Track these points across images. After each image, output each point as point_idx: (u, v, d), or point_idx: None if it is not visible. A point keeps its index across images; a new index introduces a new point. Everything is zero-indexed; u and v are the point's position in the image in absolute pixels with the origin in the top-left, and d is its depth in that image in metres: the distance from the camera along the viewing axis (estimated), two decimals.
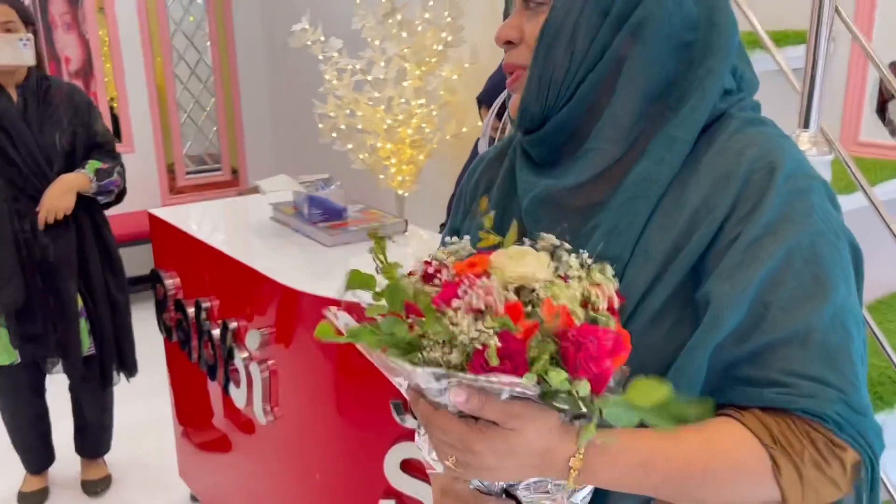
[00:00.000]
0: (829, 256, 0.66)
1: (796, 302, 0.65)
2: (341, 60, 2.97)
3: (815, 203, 0.67)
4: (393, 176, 3.14)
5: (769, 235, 0.66)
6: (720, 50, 0.72)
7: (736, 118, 0.73)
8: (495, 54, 3.16)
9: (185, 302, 2.10)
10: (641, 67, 0.71)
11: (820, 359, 0.64)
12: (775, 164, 0.67)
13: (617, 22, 0.71)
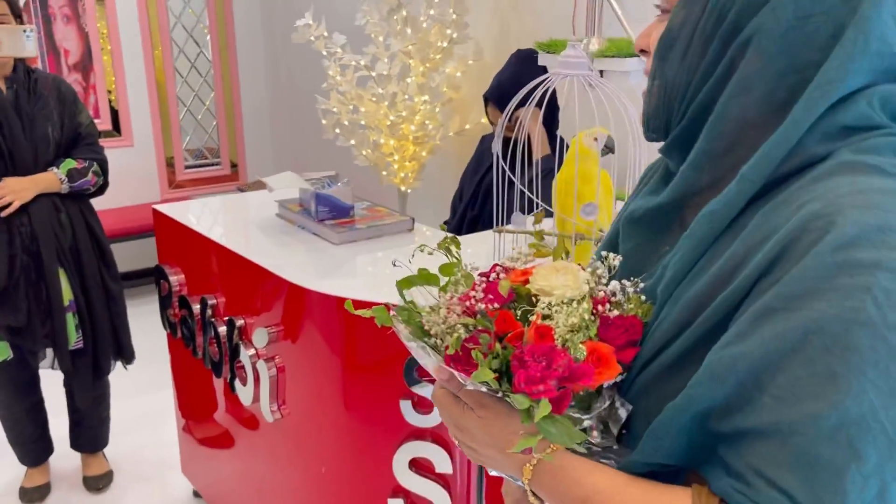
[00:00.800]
0: (865, 354, 0.52)
1: (793, 395, 0.54)
2: (345, 56, 2.96)
3: (876, 284, 0.53)
4: (396, 172, 3.13)
5: (785, 310, 0.55)
6: (828, 78, 0.60)
7: (832, 160, 0.60)
8: (499, 51, 3.16)
9: (191, 298, 2.09)
10: (742, 88, 0.63)
11: (796, 469, 0.54)
12: (832, 226, 0.54)
13: (729, 33, 0.63)
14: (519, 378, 0.62)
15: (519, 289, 0.70)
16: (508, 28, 3.12)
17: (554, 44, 1.68)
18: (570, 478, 0.65)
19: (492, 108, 2.45)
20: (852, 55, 0.59)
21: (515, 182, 1.22)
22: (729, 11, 0.63)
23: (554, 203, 1.22)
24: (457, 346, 0.66)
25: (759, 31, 0.61)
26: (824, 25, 0.60)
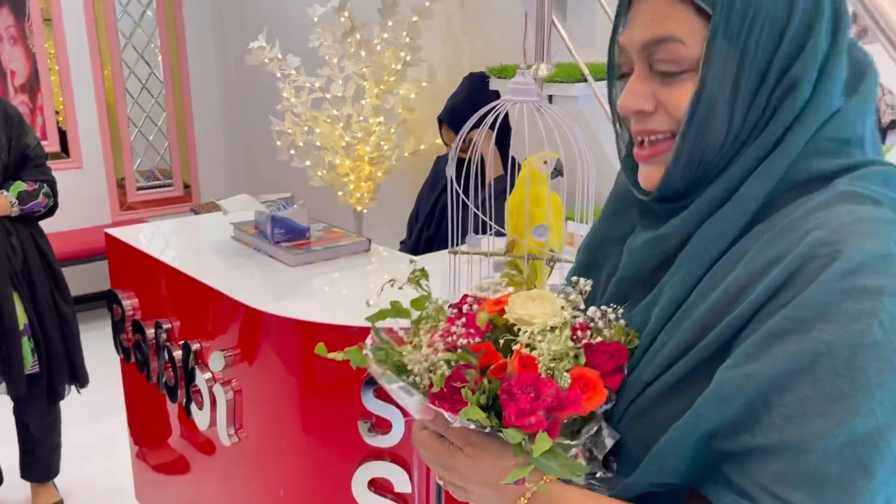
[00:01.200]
0: (871, 375, 0.55)
1: (803, 414, 0.56)
2: (299, 78, 2.98)
3: (882, 309, 0.55)
4: (352, 193, 3.15)
5: (796, 332, 0.56)
6: (819, 105, 0.64)
7: (835, 189, 0.62)
8: (452, 74, 3.21)
9: (144, 323, 2.07)
10: (777, 132, 0.64)
11: (804, 485, 0.55)
12: (839, 254, 0.57)
13: (774, 83, 0.64)
14: (509, 412, 0.61)
15: (496, 319, 0.69)
16: (461, 51, 3.18)
17: (505, 69, 1.73)
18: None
19: (446, 129, 2.50)
20: (835, 78, 0.65)
21: (469, 203, 1.25)
22: (769, 66, 0.64)
23: (506, 225, 1.26)
24: (441, 384, 0.64)
25: (803, 76, 0.63)
26: (824, 53, 0.65)
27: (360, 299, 1.74)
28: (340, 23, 2.89)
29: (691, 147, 0.65)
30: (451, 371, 0.65)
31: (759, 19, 0.62)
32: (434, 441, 0.71)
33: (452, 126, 2.44)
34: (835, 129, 0.64)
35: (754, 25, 0.62)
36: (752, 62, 0.63)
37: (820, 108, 0.64)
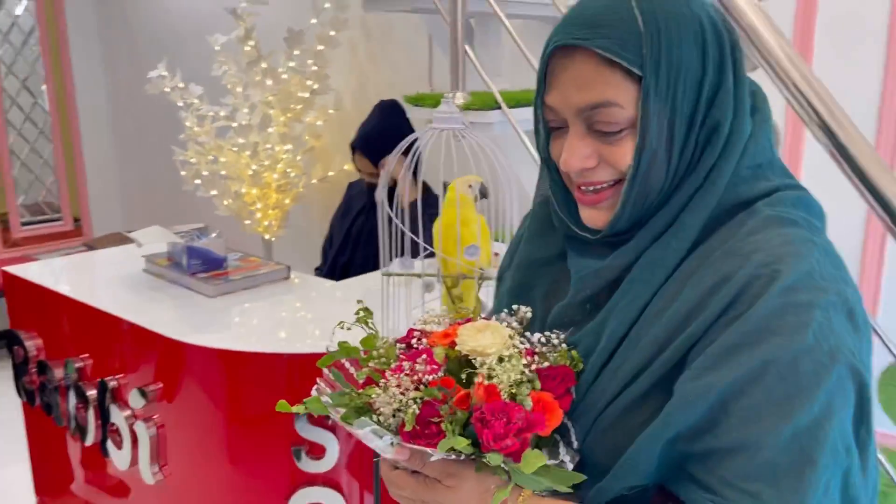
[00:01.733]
0: (810, 377, 0.63)
1: (756, 415, 0.63)
2: (203, 107, 2.94)
3: (814, 319, 0.64)
4: (259, 221, 3.12)
5: (747, 345, 0.64)
6: (737, 136, 0.72)
7: (761, 214, 0.70)
8: (359, 101, 3.26)
9: (51, 363, 1.98)
10: (707, 167, 0.72)
11: (763, 476, 0.63)
12: (778, 273, 0.65)
13: (698, 127, 0.71)
14: (486, 437, 0.65)
15: (450, 353, 0.73)
16: (367, 79, 3.23)
17: (421, 98, 1.80)
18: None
19: (359, 156, 2.53)
20: (742, 112, 0.72)
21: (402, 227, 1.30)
22: (695, 113, 0.71)
23: (437, 246, 1.31)
24: (413, 422, 0.67)
25: (723, 118, 0.71)
26: (734, 90, 0.72)
27: (284, 327, 1.75)
28: (245, 52, 2.88)
29: (637, 194, 0.72)
30: (420, 408, 0.68)
31: (681, 75, 0.69)
32: (409, 479, 0.73)
33: (365, 152, 2.48)
34: (752, 155, 0.73)
35: (678, 81, 0.69)
36: (681, 113, 0.70)
37: (738, 139, 0.72)
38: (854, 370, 0.65)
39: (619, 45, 0.68)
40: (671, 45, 0.68)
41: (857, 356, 0.66)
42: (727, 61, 0.71)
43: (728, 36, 0.72)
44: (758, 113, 0.74)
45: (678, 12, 0.69)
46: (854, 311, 0.67)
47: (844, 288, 0.67)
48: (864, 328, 0.68)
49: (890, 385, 2.08)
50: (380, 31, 3.16)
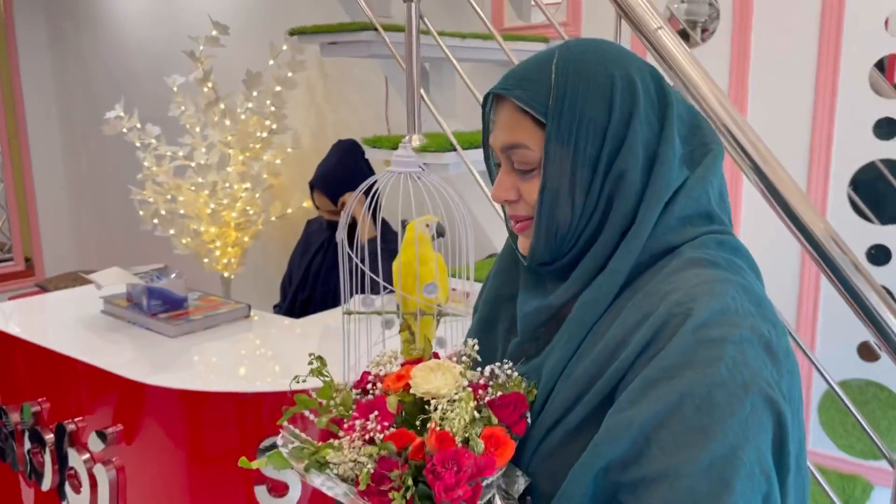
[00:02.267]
0: (724, 407, 0.67)
1: (675, 446, 0.67)
2: (160, 147, 2.96)
3: (727, 353, 0.68)
4: (218, 259, 3.13)
5: (665, 379, 0.68)
6: (658, 187, 0.76)
7: (683, 256, 0.76)
8: (317, 140, 3.31)
9: (7, 407, 1.95)
10: (622, 212, 0.77)
11: (685, 502, 0.67)
12: (691, 311, 0.70)
13: (604, 174, 0.77)
14: (438, 489, 0.67)
15: (404, 397, 0.76)
16: (324, 118, 3.29)
17: (379, 140, 1.86)
18: None
19: (318, 194, 2.58)
20: (667, 163, 0.77)
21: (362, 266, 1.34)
22: (598, 160, 0.77)
23: (397, 283, 1.36)
24: (367, 481, 0.70)
25: (627, 167, 0.76)
26: (655, 144, 0.77)
27: (244, 365, 1.76)
28: (204, 93, 2.91)
29: (545, 227, 0.79)
30: (374, 466, 0.71)
31: (584, 124, 0.76)
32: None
33: (326, 191, 2.52)
34: (682, 206, 0.78)
35: (580, 129, 0.76)
36: (583, 159, 0.77)
37: (659, 189, 0.77)
38: (769, 399, 0.69)
39: (531, 97, 0.77)
40: (575, 99, 0.76)
41: (775, 387, 0.69)
42: (638, 112, 0.77)
43: (654, 97, 0.78)
44: (700, 167, 0.79)
45: (590, 71, 0.77)
46: (771, 345, 0.71)
47: (760, 323, 0.71)
48: (786, 360, 0.72)
49: (830, 408, 2.18)
50: (337, 73, 3.23)
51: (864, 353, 2.03)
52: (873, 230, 1.96)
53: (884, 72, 2.13)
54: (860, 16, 1.89)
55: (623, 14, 1.38)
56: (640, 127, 0.77)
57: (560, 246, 0.80)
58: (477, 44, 2.21)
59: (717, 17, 2.14)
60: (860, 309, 1.22)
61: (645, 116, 0.77)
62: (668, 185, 0.77)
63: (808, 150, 2.00)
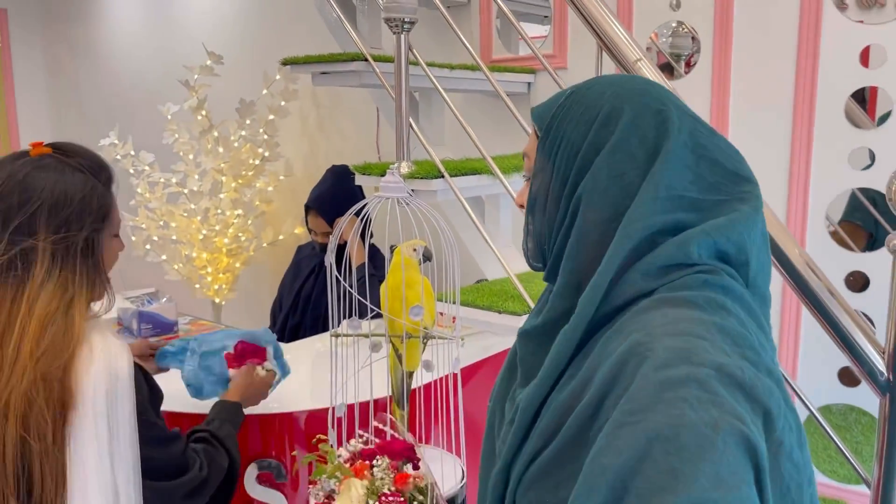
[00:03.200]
0: (693, 449, 0.64)
1: (650, 492, 0.65)
2: (154, 174, 3.00)
3: (690, 395, 0.66)
4: (209, 285, 3.15)
5: (631, 424, 0.66)
6: (628, 228, 0.75)
7: (655, 296, 0.74)
8: (308, 167, 3.36)
9: None
10: (583, 234, 0.79)
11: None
12: (650, 352, 0.68)
13: (569, 193, 0.80)
14: None
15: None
16: (317, 146, 3.34)
17: (368, 167, 1.90)
18: None
19: (313, 216, 2.61)
20: (645, 202, 0.75)
21: (350, 290, 1.37)
22: (568, 177, 0.80)
23: (384, 307, 1.39)
24: None
25: (587, 190, 0.77)
26: (636, 178, 0.76)
27: None
28: (198, 121, 2.96)
29: (532, 230, 0.87)
30: None
31: (563, 142, 0.81)
32: None
33: (322, 212, 2.56)
34: (666, 257, 0.75)
35: (560, 146, 0.81)
36: (556, 173, 0.81)
37: (632, 232, 0.75)
38: (742, 436, 0.65)
39: (540, 114, 0.86)
40: (564, 120, 0.82)
41: (750, 425, 0.66)
42: (610, 148, 0.78)
43: (647, 134, 0.78)
44: (712, 221, 0.77)
45: (588, 98, 0.81)
46: (744, 384, 0.68)
47: (730, 361, 0.69)
48: (768, 399, 0.69)
49: (813, 434, 2.21)
50: (329, 102, 3.28)
51: (845, 379, 2.07)
52: (852, 257, 2.01)
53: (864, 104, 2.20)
54: (835, 49, 1.96)
55: (604, 47, 1.43)
56: (610, 156, 0.77)
57: (542, 250, 0.86)
58: (465, 74, 2.26)
59: (697, 50, 2.21)
60: (835, 332, 1.26)
61: (623, 149, 0.77)
62: (641, 224, 0.75)
63: (786, 178, 2.05)
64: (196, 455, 1.32)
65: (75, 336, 1.14)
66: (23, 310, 1.13)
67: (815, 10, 1.97)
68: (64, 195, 1.16)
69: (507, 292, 1.82)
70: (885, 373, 1.15)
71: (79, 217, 1.17)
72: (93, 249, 1.19)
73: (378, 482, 0.91)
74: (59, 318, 1.14)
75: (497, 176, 1.75)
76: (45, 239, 1.13)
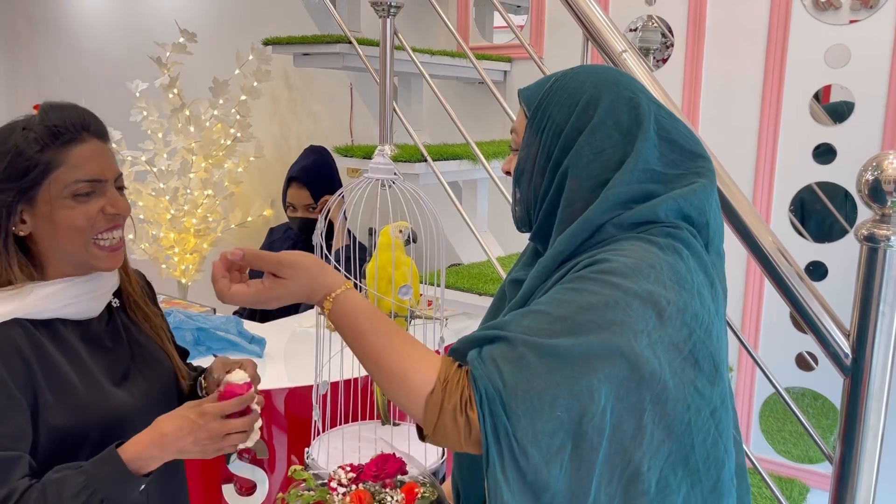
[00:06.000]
0: (582, 326, 0.78)
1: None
2: (121, 152, 2.95)
3: (611, 295, 0.79)
4: (176, 265, 3.12)
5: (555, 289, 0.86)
6: (611, 191, 0.87)
7: (625, 234, 0.87)
8: (279, 149, 3.34)
9: None
10: (569, 202, 0.90)
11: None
12: (603, 261, 0.83)
13: (555, 166, 0.92)
14: None
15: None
16: (288, 129, 3.33)
17: (350, 149, 1.91)
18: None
19: (296, 189, 2.61)
20: (625, 171, 0.87)
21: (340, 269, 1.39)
22: (553, 152, 0.92)
23: (372, 285, 1.41)
24: None
25: (572, 164, 0.89)
26: (614, 154, 0.89)
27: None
28: (169, 99, 2.92)
29: (519, 197, 0.98)
30: None
31: (549, 123, 0.93)
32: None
33: (307, 183, 2.57)
34: (637, 215, 0.87)
35: (545, 126, 0.93)
36: (542, 148, 0.93)
37: (610, 192, 0.87)
38: (621, 353, 0.77)
39: (529, 96, 0.97)
40: (549, 103, 0.93)
41: (646, 344, 0.77)
42: (591, 129, 0.89)
43: (622, 119, 0.89)
44: (678, 189, 0.89)
45: (571, 85, 0.93)
46: (663, 312, 0.79)
47: (662, 291, 0.80)
48: (671, 327, 0.79)
49: (769, 417, 2.31)
50: (302, 83, 3.27)
51: (802, 364, 2.16)
52: (810, 247, 2.10)
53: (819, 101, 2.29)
54: (802, 48, 2.04)
55: (591, 37, 1.48)
56: (591, 136, 0.89)
57: (530, 216, 0.97)
58: (445, 60, 2.29)
59: (671, 45, 2.27)
60: (802, 316, 1.33)
61: (602, 130, 0.89)
62: (620, 191, 0.87)
63: (753, 170, 2.13)
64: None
65: None
66: None
67: (785, 9, 2.05)
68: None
69: (486, 275, 1.86)
70: (850, 354, 1.22)
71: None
72: (3, 217, 1.01)
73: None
74: None
75: (480, 160, 1.78)
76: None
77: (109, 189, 1.06)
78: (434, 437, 0.81)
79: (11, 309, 1.00)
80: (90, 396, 1.03)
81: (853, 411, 1.23)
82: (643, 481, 0.78)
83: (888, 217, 1.14)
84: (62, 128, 1.02)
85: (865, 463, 1.21)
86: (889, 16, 1.92)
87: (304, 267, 0.90)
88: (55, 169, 1.02)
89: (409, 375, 0.82)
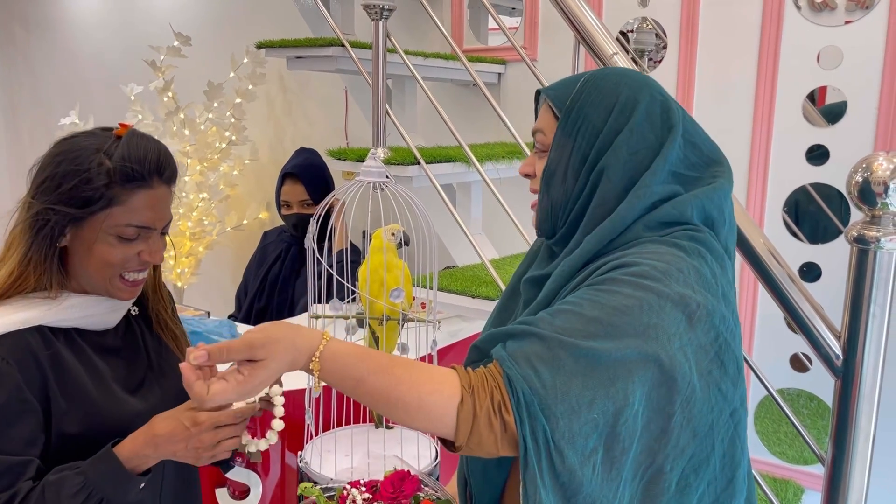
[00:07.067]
0: (617, 328, 0.78)
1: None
2: None
3: (644, 299, 0.79)
4: (172, 268, 3.12)
5: (583, 288, 0.85)
6: (640, 191, 0.88)
7: (649, 237, 0.88)
8: (274, 152, 3.35)
9: None
10: (602, 202, 0.90)
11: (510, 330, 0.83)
12: (631, 264, 0.83)
13: (591, 168, 0.91)
14: None
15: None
16: (283, 131, 3.33)
17: (343, 152, 1.91)
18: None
19: (292, 184, 2.60)
20: (656, 172, 0.89)
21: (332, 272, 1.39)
22: (589, 153, 0.91)
23: (365, 289, 1.41)
24: None
25: (608, 165, 0.90)
26: (647, 155, 0.90)
27: None
28: (164, 102, 2.92)
29: (546, 200, 0.95)
30: None
31: (585, 124, 0.92)
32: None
33: (303, 179, 2.56)
34: (666, 214, 0.88)
35: (580, 127, 0.92)
36: (577, 149, 0.92)
37: (640, 191, 0.88)
38: (656, 358, 0.77)
39: (557, 96, 0.95)
40: (584, 104, 0.92)
41: (678, 347, 0.78)
42: (629, 129, 0.90)
43: (656, 120, 0.91)
44: (698, 190, 0.90)
45: (604, 86, 0.93)
46: (693, 316, 0.80)
47: (693, 295, 0.81)
48: (700, 329, 0.80)
49: (764, 418, 2.31)
50: (297, 86, 3.27)
51: (796, 364, 2.16)
52: (805, 249, 2.11)
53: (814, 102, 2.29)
54: (795, 49, 2.04)
55: (582, 40, 1.48)
56: (629, 137, 0.90)
57: (556, 220, 0.95)
58: (438, 63, 2.29)
59: (664, 47, 2.27)
60: (794, 318, 1.33)
61: (638, 131, 0.90)
62: (650, 191, 0.88)
63: (746, 171, 2.13)
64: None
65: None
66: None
67: (777, 10, 2.05)
68: (51, 157, 1.04)
69: (480, 278, 1.86)
70: (841, 356, 1.22)
71: (51, 188, 1.02)
72: (51, 231, 1.02)
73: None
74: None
75: (473, 164, 1.78)
76: (31, 196, 1.04)
77: (154, 236, 1.08)
78: (468, 447, 0.78)
79: (37, 315, 1.02)
80: (103, 403, 1.04)
81: (844, 413, 1.23)
82: (664, 480, 0.80)
83: (878, 219, 1.15)
84: (137, 172, 1.02)
85: (857, 464, 1.21)
86: (881, 17, 1.92)
87: (277, 339, 0.80)
88: (113, 206, 1.02)
89: (425, 399, 0.79)
